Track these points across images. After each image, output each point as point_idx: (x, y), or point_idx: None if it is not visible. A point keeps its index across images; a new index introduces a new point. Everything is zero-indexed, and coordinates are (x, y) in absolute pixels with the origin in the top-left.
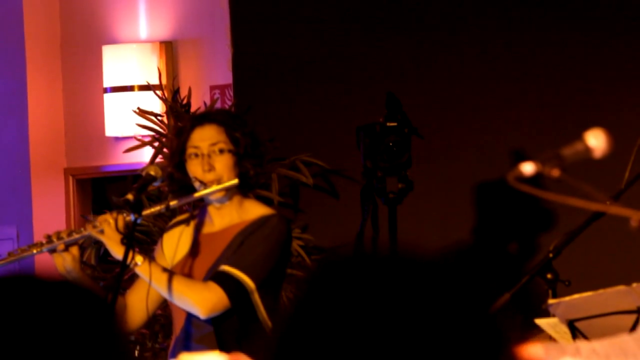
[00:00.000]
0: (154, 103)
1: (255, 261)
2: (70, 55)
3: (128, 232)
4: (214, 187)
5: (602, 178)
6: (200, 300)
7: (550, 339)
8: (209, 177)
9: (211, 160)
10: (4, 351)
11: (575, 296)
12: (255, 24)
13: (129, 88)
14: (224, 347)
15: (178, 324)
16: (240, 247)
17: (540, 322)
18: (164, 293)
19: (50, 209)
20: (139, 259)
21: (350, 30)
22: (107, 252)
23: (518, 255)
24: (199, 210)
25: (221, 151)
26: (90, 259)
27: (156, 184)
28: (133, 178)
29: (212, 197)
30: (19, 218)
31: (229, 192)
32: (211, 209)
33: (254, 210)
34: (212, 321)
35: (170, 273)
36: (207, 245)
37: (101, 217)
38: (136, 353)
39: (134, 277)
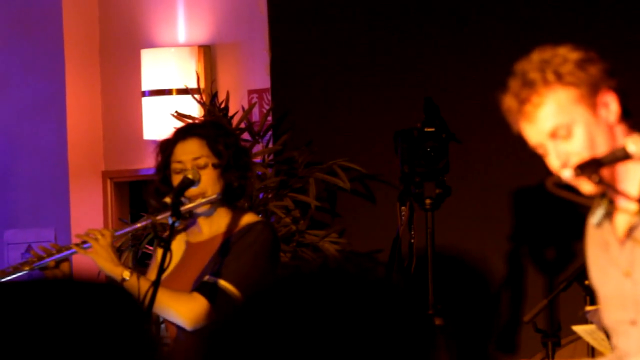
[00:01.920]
0: (192, 107)
1: (239, 269)
2: (109, 59)
3: (167, 235)
4: (198, 202)
5: None
6: (184, 311)
7: (588, 345)
8: (192, 191)
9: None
10: (32, 351)
11: None
12: (294, 28)
13: (167, 92)
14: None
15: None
16: (226, 256)
17: (578, 328)
18: (153, 307)
19: (88, 212)
20: (126, 274)
21: (388, 36)
22: (144, 255)
23: (556, 262)
24: (190, 220)
25: (204, 166)
26: (127, 262)
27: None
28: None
29: (198, 211)
30: (56, 220)
31: (214, 205)
32: (200, 219)
33: (241, 219)
34: (197, 334)
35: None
36: (195, 254)
37: (89, 232)
38: None
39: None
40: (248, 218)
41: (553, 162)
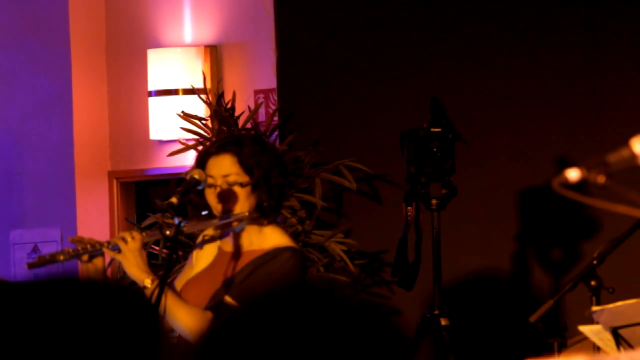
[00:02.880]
0: (198, 107)
1: (255, 295)
2: (115, 59)
3: (172, 235)
4: (220, 219)
5: None
6: (193, 329)
7: (594, 346)
8: (220, 208)
9: (223, 192)
10: (49, 350)
11: (619, 303)
12: (300, 28)
13: (174, 92)
14: None
15: None
16: (248, 277)
17: (584, 329)
18: (165, 316)
19: (94, 212)
20: (147, 282)
21: (395, 36)
22: (150, 254)
23: (562, 262)
24: (224, 231)
25: (233, 183)
26: None
27: (200, 187)
28: (177, 181)
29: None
30: (62, 220)
31: (243, 222)
32: (232, 232)
33: (271, 238)
34: None
35: (173, 297)
36: (223, 263)
37: (119, 235)
38: None
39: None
40: (277, 240)
41: None
